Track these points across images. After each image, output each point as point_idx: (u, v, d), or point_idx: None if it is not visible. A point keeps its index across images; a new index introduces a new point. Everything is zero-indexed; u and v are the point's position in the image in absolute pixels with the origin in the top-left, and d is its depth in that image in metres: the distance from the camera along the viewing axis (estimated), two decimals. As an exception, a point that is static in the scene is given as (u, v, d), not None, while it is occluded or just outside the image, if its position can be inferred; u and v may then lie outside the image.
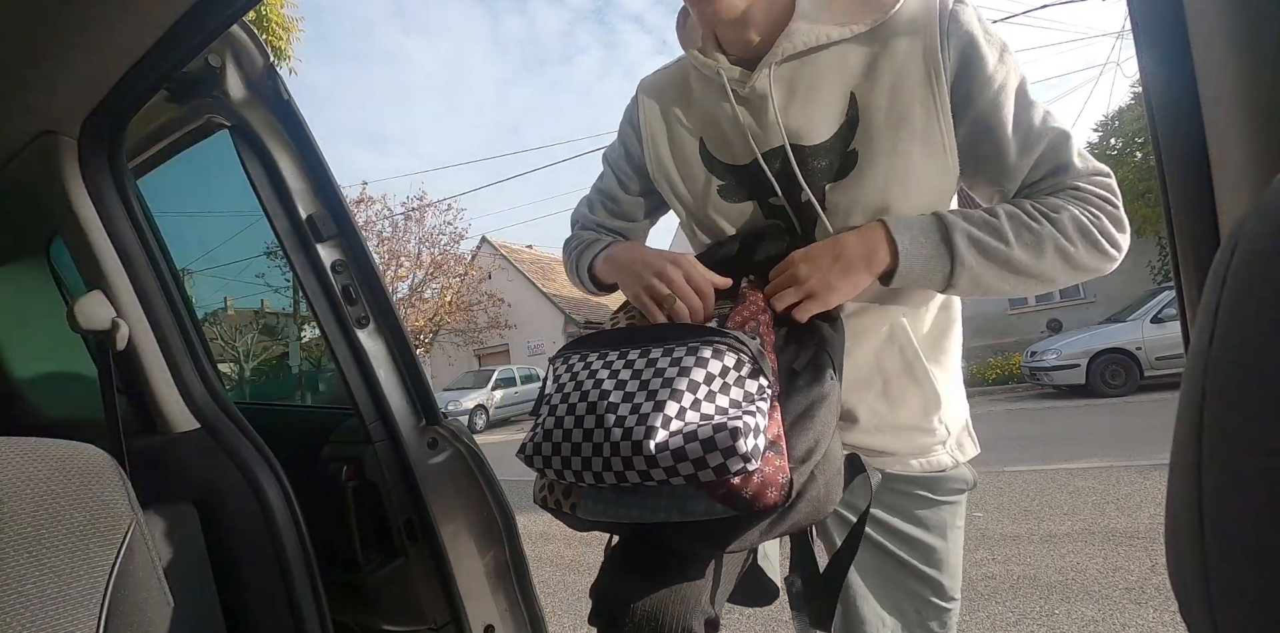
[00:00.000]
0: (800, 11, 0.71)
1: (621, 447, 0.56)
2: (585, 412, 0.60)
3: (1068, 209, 0.66)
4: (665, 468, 0.55)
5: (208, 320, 2.55)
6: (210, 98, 0.94)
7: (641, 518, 0.60)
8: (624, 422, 0.56)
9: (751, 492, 0.55)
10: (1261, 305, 0.20)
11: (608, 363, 0.63)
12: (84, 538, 0.63)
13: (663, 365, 0.60)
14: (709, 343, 0.61)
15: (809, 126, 0.71)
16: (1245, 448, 0.20)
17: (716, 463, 0.53)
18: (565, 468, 0.60)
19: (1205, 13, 0.38)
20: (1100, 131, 10.58)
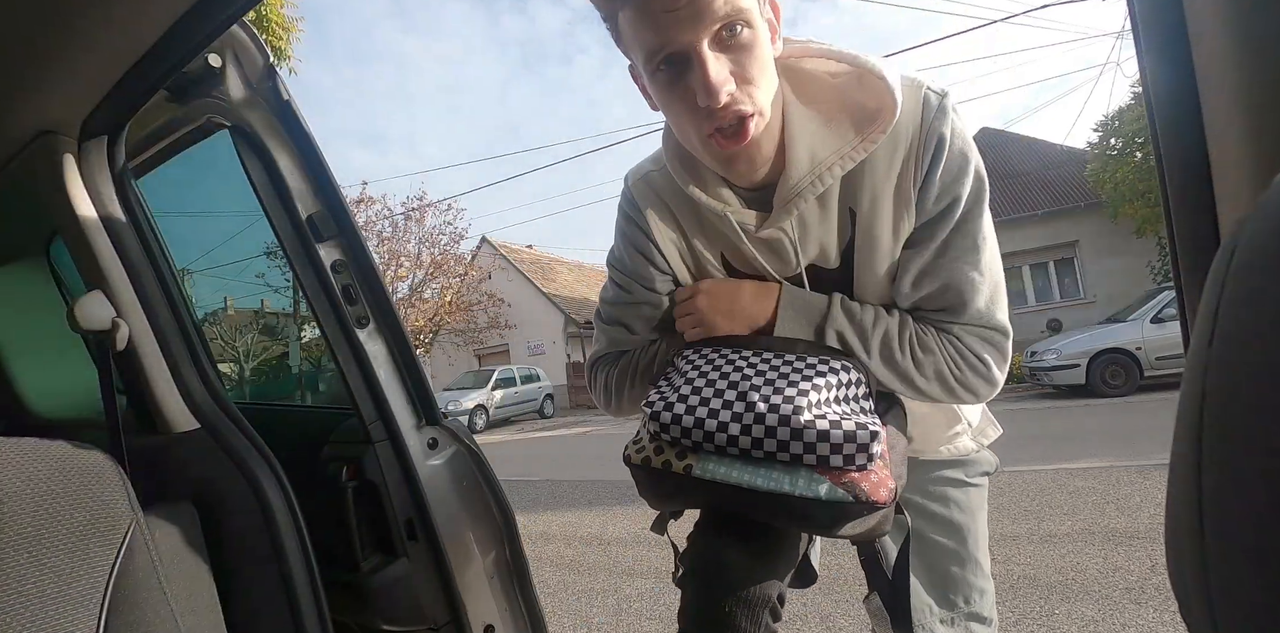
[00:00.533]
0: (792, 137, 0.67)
1: (768, 417, 0.63)
2: (726, 387, 0.67)
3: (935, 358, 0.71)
4: (806, 444, 0.62)
5: (208, 320, 2.55)
6: (210, 98, 0.94)
7: (765, 486, 0.64)
8: (769, 399, 0.64)
9: (869, 486, 0.63)
10: (1261, 306, 0.20)
11: (744, 357, 0.71)
12: (84, 538, 0.63)
13: (798, 365, 0.68)
14: (836, 357, 0.70)
15: (826, 255, 0.74)
16: (1245, 448, 0.20)
17: (850, 452, 0.61)
18: (697, 428, 0.65)
19: (1205, 13, 0.38)
20: (1100, 132, 10.58)
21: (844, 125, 0.67)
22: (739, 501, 0.68)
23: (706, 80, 0.59)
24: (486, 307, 17.30)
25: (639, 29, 0.61)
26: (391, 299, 1.05)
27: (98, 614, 0.61)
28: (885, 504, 0.63)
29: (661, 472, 0.70)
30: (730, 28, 0.60)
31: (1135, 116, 9.74)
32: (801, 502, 0.63)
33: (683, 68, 0.61)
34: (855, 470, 0.63)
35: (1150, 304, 7.30)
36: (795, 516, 0.66)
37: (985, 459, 0.91)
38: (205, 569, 0.84)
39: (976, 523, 0.89)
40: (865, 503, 0.62)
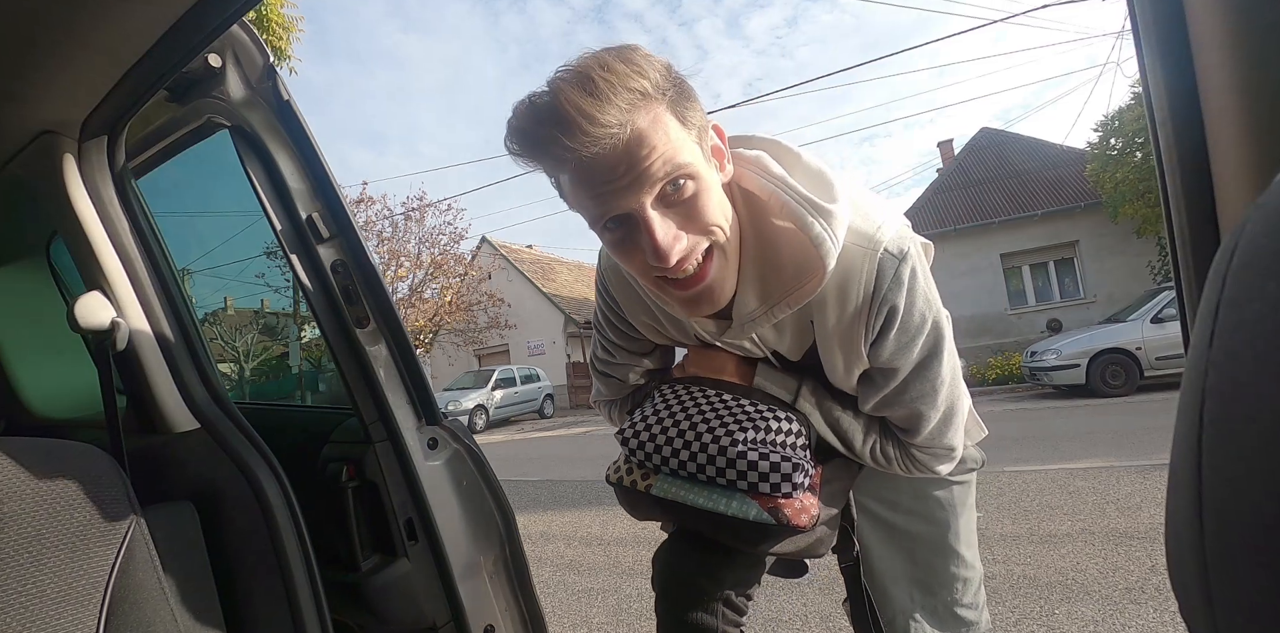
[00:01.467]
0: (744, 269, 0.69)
1: (710, 447, 0.75)
2: (683, 418, 0.79)
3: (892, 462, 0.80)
4: (738, 471, 0.73)
5: (208, 320, 2.55)
6: (210, 98, 0.94)
7: (703, 505, 0.76)
8: (714, 431, 0.76)
9: (791, 512, 0.73)
10: (1261, 306, 0.20)
11: (706, 395, 0.82)
12: (84, 538, 0.63)
13: (749, 410, 0.78)
14: (785, 409, 0.79)
15: (790, 350, 0.80)
16: (1245, 448, 0.20)
17: (775, 481, 0.72)
18: (656, 453, 0.79)
19: (1205, 13, 0.38)
20: (1100, 132, 10.57)
21: (787, 268, 0.67)
22: (687, 516, 0.80)
23: (655, 245, 0.59)
24: (486, 307, 17.29)
25: (580, 197, 0.61)
26: (391, 299, 1.05)
27: (98, 614, 0.61)
28: (805, 528, 0.74)
29: (630, 489, 0.84)
30: (673, 183, 0.58)
31: (1135, 116, 9.73)
32: (733, 521, 0.74)
33: (630, 226, 0.61)
34: (781, 497, 0.73)
35: (1150, 304, 7.30)
36: (730, 532, 0.77)
37: (969, 456, 0.92)
38: (205, 569, 0.84)
39: (959, 518, 0.90)
40: (786, 527, 0.73)
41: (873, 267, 0.65)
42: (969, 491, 0.92)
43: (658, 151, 0.56)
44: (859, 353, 0.72)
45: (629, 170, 0.56)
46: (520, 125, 0.57)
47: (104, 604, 0.62)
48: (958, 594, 0.89)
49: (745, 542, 0.77)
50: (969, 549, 0.91)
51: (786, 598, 2.35)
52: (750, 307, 0.70)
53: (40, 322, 1.42)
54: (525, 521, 4.07)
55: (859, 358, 0.73)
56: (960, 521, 0.90)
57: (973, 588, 0.90)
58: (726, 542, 0.80)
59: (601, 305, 0.91)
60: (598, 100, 0.53)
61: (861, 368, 0.75)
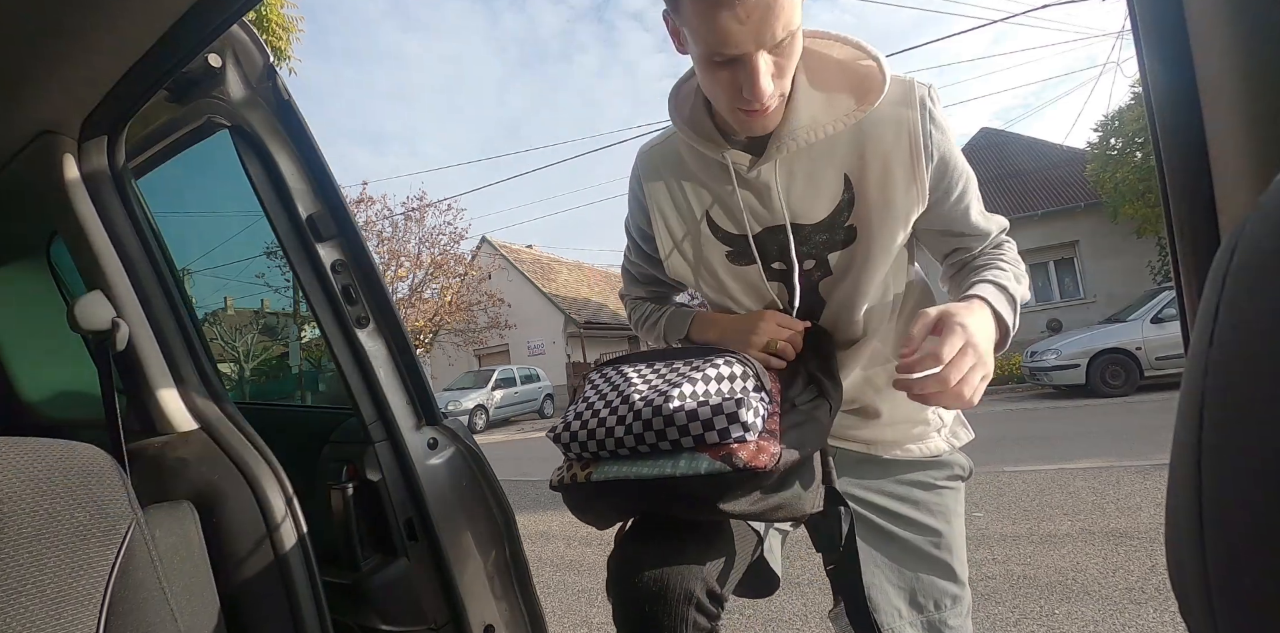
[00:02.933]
0: (796, 97, 0.76)
1: (643, 412, 0.67)
2: (614, 396, 0.72)
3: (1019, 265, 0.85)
4: (679, 426, 0.65)
5: (208, 320, 2.55)
6: (210, 98, 0.94)
7: (651, 473, 0.67)
8: (647, 397, 0.69)
9: (746, 454, 0.64)
10: (1261, 306, 0.20)
11: (637, 369, 0.77)
12: (84, 538, 0.63)
13: (681, 368, 0.74)
14: (721, 355, 0.74)
15: (808, 209, 0.80)
16: (1245, 448, 0.20)
17: (721, 426, 0.64)
18: (590, 439, 0.70)
19: (1205, 13, 0.38)
20: (1100, 132, 10.57)
21: (843, 96, 0.76)
22: (635, 495, 0.71)
23: (757, 88, 0.67)
24: (486, 307, 17.29)
25: (705, 28, 0.66)
26: (391, 299, 1.05)
27: (98, 614, 0.61)
28: (764, 469, 0.64)
29: (570, 486, 0.74)
30: (784, 39, 0.67)
31: (1135, 116, 9.73)
32: (685, 482, 0.66)
33: (736, 64, 0.68)
34: (734, 443, 0.65)
35: (1150, 304, 7.30)
36: (685, 498, 0.68)
37: (958, 462, 0.90)
38: (205, 569, 0.84)
39: (949, 527, 0.87)
40: (744, 470, 0.63)
41: (913, 88, 0.76)
42: (958, 499, 0.90)
43: (786, 11, 0.64)
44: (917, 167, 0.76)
45: (761, 21, 0.64)
46: None
47: (104, 604, 0.62)
48: (945, 613, 0.85)
49: (705, 506, 0.66)
50: (959, 565, 0.87)
51: (786, 598, 2.35)
52: (799, 123, 0.75)
53: (40, 322, 1.42)
54: (525, 521, 4.07)
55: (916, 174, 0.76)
56: (951, 530, 0.88)
57: (961, 609, 0.87)
58: (685, 514, 0.71)
59: (629, 203, 0.95)
60: None
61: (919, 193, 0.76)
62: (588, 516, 0.77)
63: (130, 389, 0.98)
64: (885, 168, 0.76)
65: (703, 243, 0.87)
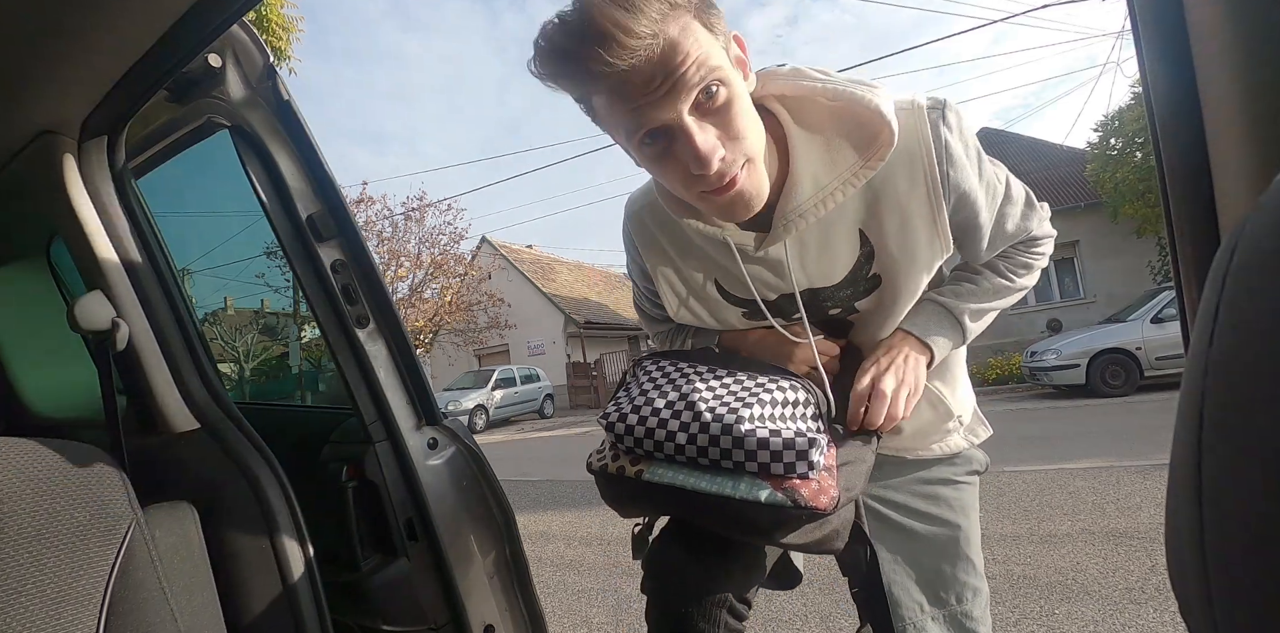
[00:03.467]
0: (794, 163, 0.69)
1: (712, 426, 0.66)
2: (678, 398, 0.70)
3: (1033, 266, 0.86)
4: (747, 451, 0.65)
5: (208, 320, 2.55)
6: (210, 98, 0.94)
7: (709, 489, 0.67)
8: (714, 410, 0.67)
9: (809, 492, 0.64)
10: (1261, 305, 0.20)
11: (698, 371, 0.74)
12: (84, 538, 0.63)
13: (748, 384, 0.71)
14: (787, 378, 0.72)
15: (826, 274, 0.77)
16: (1245, 448, 0.20)
17: (789, 460, 0.64)
18: (648, 437, 0.69)
19: (1205, 13, 0.38)
20: (1100, 132, 10.57)
21: (845, 150, 0.68)
22: (686, 504, 0.70)
23: (697, 153, 0.60)
24: (486, 307, 17.28)
25: (615, 113, 0.61)
26: (391, 299, 1.05)
27: (98, 614, 0.61)
28: (824, 510, 0.64)
29: (616, 477, 0.73)
30: (707, 91, 0.59)
31: (1135, 116, 9.73)
32: (742, 505, 0.65)
33: (667, 139, 0.61)
34: (796, 478, 0.65)
35: (1150, 304, 7.30)
36: (737, 519, 0.67)
37: (975, 457, 0.91)
38: (205, 569, 0.84)
39: (968, 521, 0.88)
40: (804, 509, 0.64)
41: (923, 119, 0.68)
42: (975, 493, 0.91)
43: (691, 58, 0.57)
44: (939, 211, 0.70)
45: (665, 80, 0.57)
46: (551, 44, 0.57)
47: (104, 604, 0.62)
48: (968, 606, 0.86)
49: (756, 531, 0.67)
50: (978, 557, 0.88)
51: (786, 598, 2.35)
52: (804, 196, 0.69)
53: (40, 322, 1.42)
54: (525, 521, 4.07)
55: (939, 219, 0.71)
56: (970, 523, 0.88)
57: (982, 601, 0.88)
58: (733, 533, 0.71)
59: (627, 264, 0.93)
60: (630, 12, 0.54)
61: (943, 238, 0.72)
62: (622, 507, 0.78)
63: (130, 389, 0.98)
64: (904, 221, 0.71)
65: (713, 304, 0.84)
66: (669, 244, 0.82)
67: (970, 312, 0.81)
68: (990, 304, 0.82)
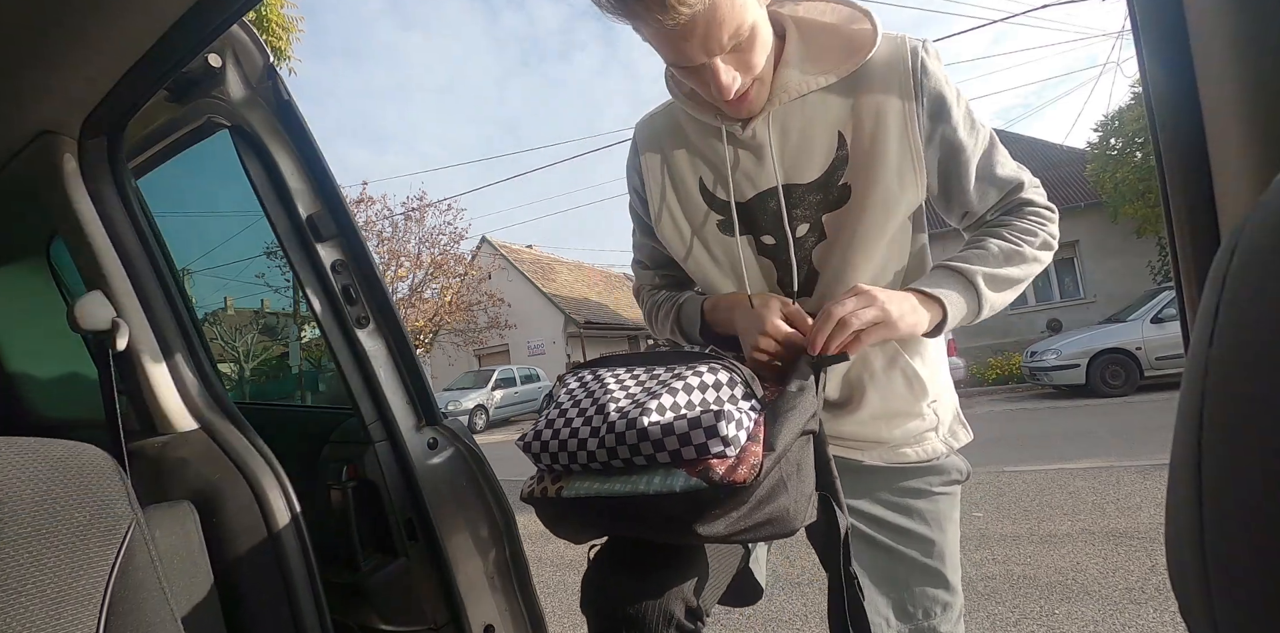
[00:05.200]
0: (786, 61, 0.78)
1: (617, 425, 0.61)
2: (589, 405, 0.66)
3: (1038, 232, 0.80)
4: (654, 441, 0.60)
5: (208, 320, 2.55)
6: (210, 98, 0.94)
7: (623, 491, 0.62)
8: (623, 408, 0.63)
9: (724, 469, 0.58)
10: (1261, 306, 0.20)
11: (615, 375, 0.72)
12: (84, 538, 0.63)
13: (664, 376, 0.68)
14: (706, 362, 0.69)
15: (802, 167, 0.79)
16: (1245, 448, 0.20)
17: (699, 441, 0.58)
18: (561, 451, 0.65)
19: (1205, 13, 0.38)
20: (1100, 132, 10.57)
21: (833, 56, 0.77)
22: (608, 515, 0.66)
23: (720, 87, 0.70)
24: (486, 307, 17.28)
25: (659, 47, 0.71)
26: (391, 299, 1.05)
27: (97, 614, 0.61)
28: (743, 482, 0.57)
29: (542, 500, 0.69)
30: (736, 40, 0.68)
31: (1135, 116, 9.73)
32: (658, 500, 0.60)
33: (697, 69, 0.71)
34: (713, 458, 0.59)
35: (1150, 304, 7.30)
36: (658, 520, 0.62)
37: (954, 466, 0.86)
38: (205, 569, 0.84)
39: (943, 535, 0.84)
40: (723, 485, 0.57)
41: (904, 42, 0.76)
42: (954, 504, 0.86)
43: (729, 21, 0.67)
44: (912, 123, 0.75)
45: (705, 37, 0.67)
46: None
47: (104, 604, 0.62)
48: (935, 621, 0.83)
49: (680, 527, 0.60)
50: (953, 572, 0.84)
51: (786, 598, 2.35)
52: (793, 78, 0.77)
53: (40, 322, 1.42)
54: (525, 521, 4.05)
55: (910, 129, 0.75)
56: (945, 537, 0.84)
57: (952, 615, 0.84)
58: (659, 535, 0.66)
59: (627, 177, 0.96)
60: None
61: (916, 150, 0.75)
62: (561, 532, 0.73)
63: (130, 389, 0.98)
64: (878, 118, 0.76)
65: (694, 210, 0.86)
66: (667, 143, 0.89)
67: (984, 275, 0.77)
68: (1005, 270, 0.77)
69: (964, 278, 0.77)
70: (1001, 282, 0.78)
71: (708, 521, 0.58)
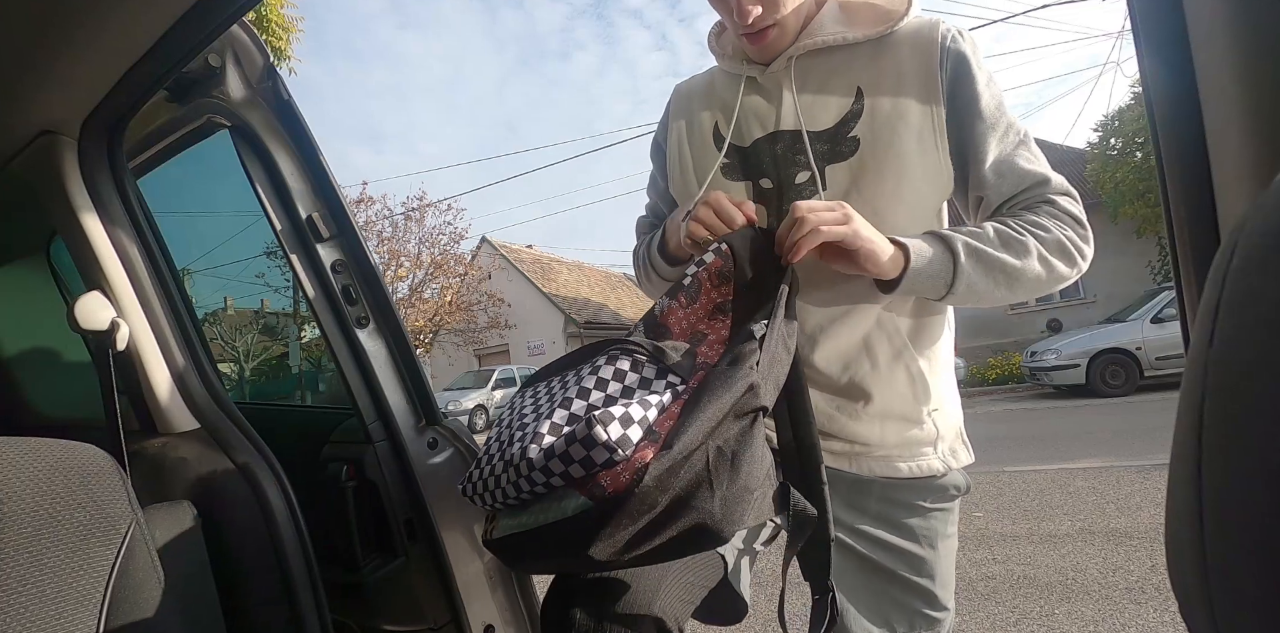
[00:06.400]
0: (821, 19, 0.79)
1: (514, 457, 0.55)
2: (504, 438, 0.61)
3: (1050, 229, 0.72)
4: (541, 469, 0.53)
5: (208, 320, 2.55)
6: (210, 98, 0.94)
7: (531, 523, 0.56)
8: (521, 438, 0.57)
9: (608, 479, 0.51)
10: (1261, 305, 0.20)
11: (535, 394, 0.67)
12: (84, 538, 0.63)
13: (568, 384, 0.62)
14: (604, 353, 0.63)
15: (815, 114, 0.78)
16: (1245, 448, 0.20)
17: (581, 456, 0.51)
18: (485, 491, 0.60)
19: (1205, 13, 0.38)
20: (1100, 132, 10.57)
21: (868, 19, 0.78)
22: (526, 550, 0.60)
23: (741, 9, 0.73)
24: (486, 307, 17.28)
25: None
26: (391, 299, 1.05)
27: (98, 614, 0.61)
28: (626, 490, 0.50)
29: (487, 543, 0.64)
30: None
31: (1135, 116, 9.73)
32: (557, 527, 0.54)
33: None
34: (603, 469, 0.51)
35: (1150, 304, 7.30)
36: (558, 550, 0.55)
37: (952, 483, 0.80)
38: (205, 569, 0.84)
39: (934, 552, 0.79)
40: (607, 501, 0.50)
41: (936, 25, 0.76)
42: (950, 520, 0.81)
43: None
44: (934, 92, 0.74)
45: None
46: None
47: (104, 604, 0.62)
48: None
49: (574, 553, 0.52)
50: (944, 589, 0.80)
51: (786, 598, 2.35)
52: (824, 28, 0.78)
53: (40, 322, 1.42)
54: (525, 521, 4.05)
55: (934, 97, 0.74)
56: (938, 555, 0.79)
57: (945, 629, 0.81)
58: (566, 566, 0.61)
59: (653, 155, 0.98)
60: None
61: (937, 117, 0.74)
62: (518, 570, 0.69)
63: (130, 389, 0.98)
64: (899, 80, 0.75)
65: (703, 156, 0.87)
66: (697, 100, 0.90)
67: (965, 245, 0.70)
68: (996, 253, 0.70)
69: (943, 243, 0.71)
70: (989, 262, 0.70)
71: (599, 542, 0.51)
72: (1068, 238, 0.72)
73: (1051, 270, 0.72)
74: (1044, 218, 0.73)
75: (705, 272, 0.70)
